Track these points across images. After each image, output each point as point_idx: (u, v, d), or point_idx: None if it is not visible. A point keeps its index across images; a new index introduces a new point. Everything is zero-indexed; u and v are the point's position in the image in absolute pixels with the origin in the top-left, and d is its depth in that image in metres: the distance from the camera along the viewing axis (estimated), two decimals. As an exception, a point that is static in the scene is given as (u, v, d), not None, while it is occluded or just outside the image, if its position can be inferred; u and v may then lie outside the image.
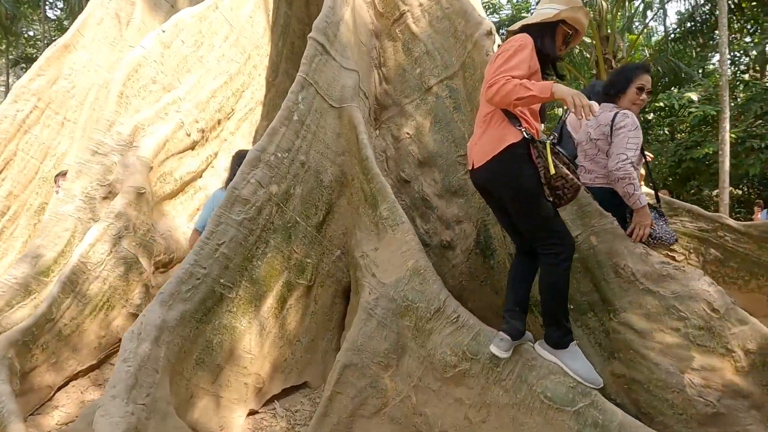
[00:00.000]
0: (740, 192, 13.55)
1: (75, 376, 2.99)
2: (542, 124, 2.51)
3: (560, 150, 2.02)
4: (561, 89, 1.77)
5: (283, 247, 2.65)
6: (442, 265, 3.29)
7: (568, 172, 1.93)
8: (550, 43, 2.10)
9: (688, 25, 13.04)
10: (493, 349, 2.03)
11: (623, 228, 2.32)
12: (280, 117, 2.65)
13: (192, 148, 4.15)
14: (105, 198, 3.51)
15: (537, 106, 2.09)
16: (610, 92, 2.54)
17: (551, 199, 1.97)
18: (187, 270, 2.18)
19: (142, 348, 1.82)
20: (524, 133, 1.94)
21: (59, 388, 2.88)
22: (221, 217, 2.37)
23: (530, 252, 2.13)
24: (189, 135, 4.05)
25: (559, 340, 2.01)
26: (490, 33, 3.12)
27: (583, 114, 1.72)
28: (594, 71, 13.85)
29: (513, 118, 1.97)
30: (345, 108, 2.99)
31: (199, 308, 2.22)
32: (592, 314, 2.37)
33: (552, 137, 3.11)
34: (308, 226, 2.79)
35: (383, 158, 3.64)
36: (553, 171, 1.88)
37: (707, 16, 12.34)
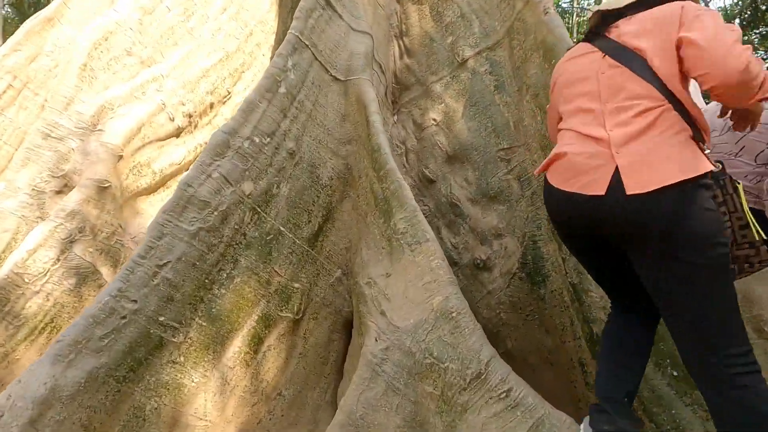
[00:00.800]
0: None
1: (2, 419, 2.38)
2: None
3: None
4: None
5: (260, 267, 1.92)
6: (474, 291, 2.57)
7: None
8: None
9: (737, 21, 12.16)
10: None
11: None
12: (260, 88, 1.92)
13: (176, 135, 3.56)
14: (58, 192, 2.91)
15: None
16: None
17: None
18: (106, 305, 1.47)
19: (-3, 443, 1.14)
20: (712, 161, 1.18)
21: (-23, 436, 2.27)
22: (165, 226, 1.65)
23: (640, 311, 1.36)
24: (172, 119, 3.46)
25: None
26: (549, -16, 2.34)
27: None
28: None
29: (698, 134, 1.19)
30: (353, 81, 2.25)
31: (123, 361, 1.51)
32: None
33: None
34: (297, 238, 2.06)
35: (402, 151, 2.91)
36: (760, 237, 1.16)
37: (754, 10, 11.44)
